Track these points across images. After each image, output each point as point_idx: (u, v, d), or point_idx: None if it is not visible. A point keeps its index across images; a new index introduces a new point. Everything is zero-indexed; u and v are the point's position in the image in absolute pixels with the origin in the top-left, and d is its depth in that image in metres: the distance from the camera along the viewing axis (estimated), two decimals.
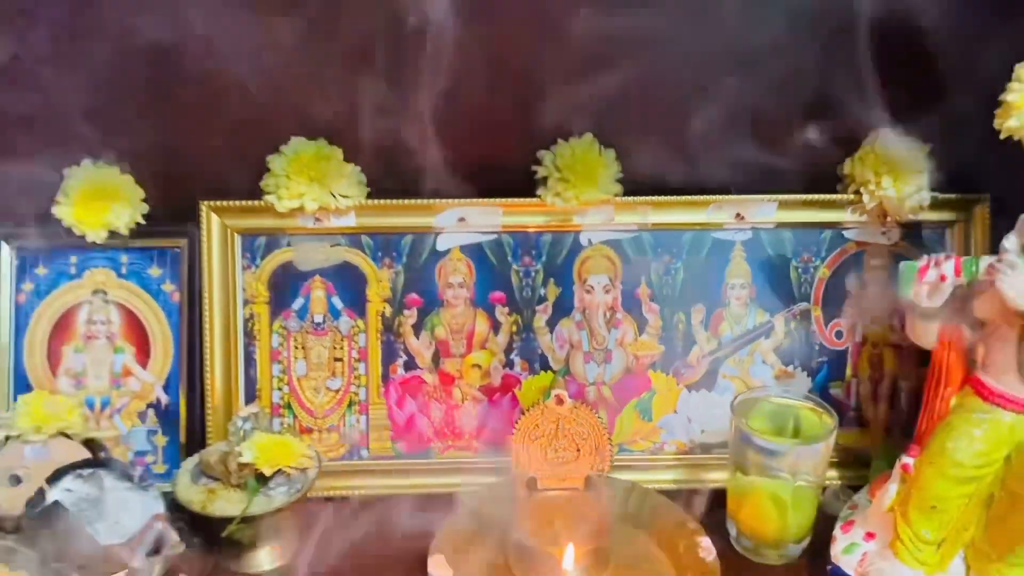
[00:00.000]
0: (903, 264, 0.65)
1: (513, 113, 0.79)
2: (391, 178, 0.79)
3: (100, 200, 0.76)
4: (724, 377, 0.81)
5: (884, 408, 0.81)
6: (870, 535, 0.68)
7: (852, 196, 0.79)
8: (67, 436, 0.73)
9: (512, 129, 0.79)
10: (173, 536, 0.63)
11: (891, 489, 0.66)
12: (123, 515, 0.61)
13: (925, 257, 0.64)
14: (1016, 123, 0.63)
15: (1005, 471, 0.62)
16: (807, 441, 0.70)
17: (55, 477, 0.63)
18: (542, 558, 0.67)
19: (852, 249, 0.80)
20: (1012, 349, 0.62)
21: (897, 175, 0.76)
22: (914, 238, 0.80)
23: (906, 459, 0.65)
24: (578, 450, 0.73)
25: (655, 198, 0.79)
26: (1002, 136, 0.65)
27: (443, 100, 0.75)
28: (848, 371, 0.81)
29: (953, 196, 0.78)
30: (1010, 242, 0.62)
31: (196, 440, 0.79)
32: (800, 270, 0.80)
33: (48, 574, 0.62)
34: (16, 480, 0.71)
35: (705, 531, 0.71)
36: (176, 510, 0.67)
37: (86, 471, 0.63)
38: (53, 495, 0.61)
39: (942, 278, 0.63)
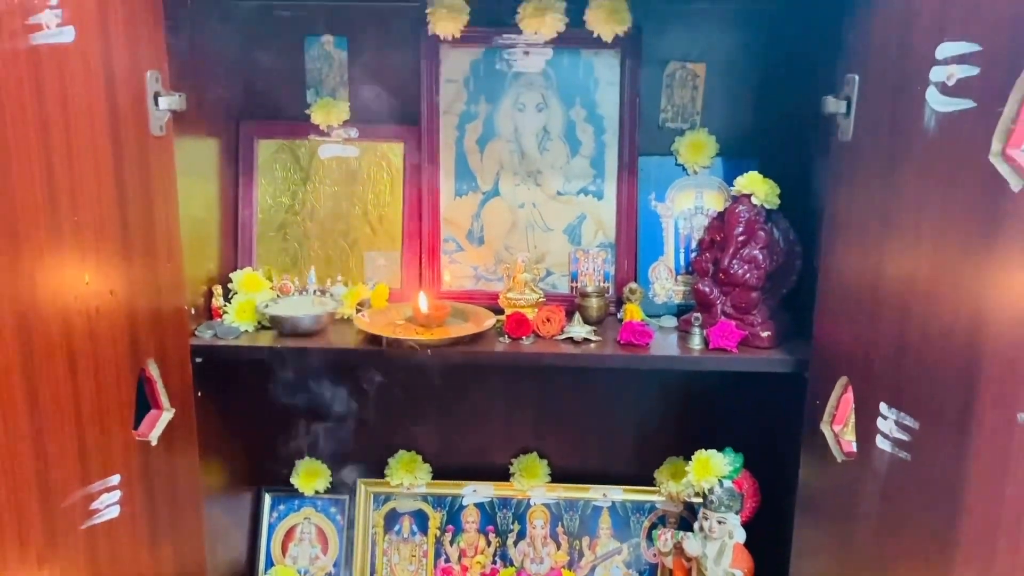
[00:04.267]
0: (653, 532, 1.52)
1: (499, 442, 1.71)
2: (444, 468, 1.71)
3: (312, 476, 1.70)
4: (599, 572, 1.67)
5: None
6: None
7: (659, 488, 1.66)
8: None
9: (498, 449, 1.71)
10: None
11: None
12: None
13: (661, 529, 1.51)
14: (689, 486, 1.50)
15: None
16: None
17: None
18: None
19: (660, 512, 1.67)
20: (695, 570, 1.48)
21: (675, 481, 1.64)
22: (689, 508, 1.67)
23: None
24: None
25: (564, 484, 1.68)
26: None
27: (467, 441, 1.68)
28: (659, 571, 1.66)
29: None
30: (695, 527, 1.49)
31: None
32: (634, 522, 1.67)
33: None
34: None
35: None
36: None
37: None
38: None
39: (667, 539, 1.50)
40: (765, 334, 1.36)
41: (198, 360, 1.38)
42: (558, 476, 1.70)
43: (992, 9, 0.83)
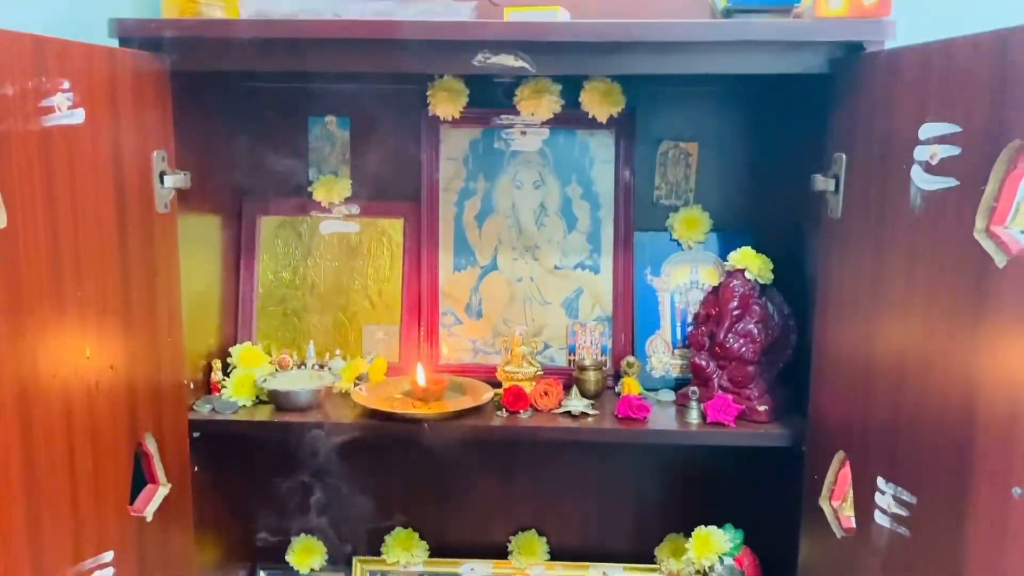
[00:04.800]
0: None
1: (497, 519, 1.69)
2: (441, 545, 1.69)
3: (308, 553, 1.67)
4: None
5: None
6: None
7: (659, 566, 1.64)
8: None
9: (496, 526, 1.69)
10: None
11: None
12: None
13: None
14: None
15: None
16: None
17: None
18: None
19: None
20: None
21: (676, 559, 1.62)
22: None
23: None
24: None
25: (563, 562, 1.66)
26: None
27: (464, 517, 1.66)
28: None
29: None
30: None
31: None
32: None
33: None
34: None
35: None
36: None
37: None
38: None
39: None
40: (762, 408, 1.36)
41: (196, 435, 1.38)
42: (557, 554, 1.67)
43: (969, 91, 0.86)
